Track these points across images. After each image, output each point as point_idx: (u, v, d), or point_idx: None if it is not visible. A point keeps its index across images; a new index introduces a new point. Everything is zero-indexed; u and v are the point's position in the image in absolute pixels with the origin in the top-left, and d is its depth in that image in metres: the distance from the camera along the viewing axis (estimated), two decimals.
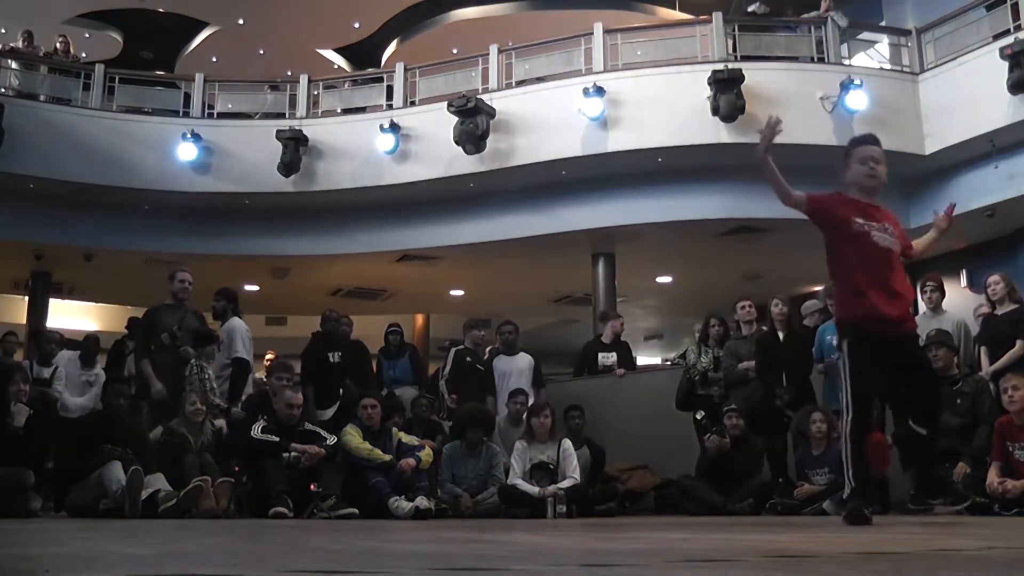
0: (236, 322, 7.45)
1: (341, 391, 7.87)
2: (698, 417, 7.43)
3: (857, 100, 9.70)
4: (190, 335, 6.84)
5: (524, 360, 8.16)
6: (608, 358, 8.57)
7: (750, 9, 11.37)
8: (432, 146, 10.88)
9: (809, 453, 6.46)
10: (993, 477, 5.53)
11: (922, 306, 7.45)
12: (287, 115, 11.82)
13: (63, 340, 8.84)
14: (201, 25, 16.89)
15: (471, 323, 8.65)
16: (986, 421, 5.99)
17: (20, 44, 12.65)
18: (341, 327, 8.36)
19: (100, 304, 15.76)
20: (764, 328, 7.37)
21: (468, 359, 8.18)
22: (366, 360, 8.63)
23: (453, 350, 8.48)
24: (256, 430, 6.12)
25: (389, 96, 11.65)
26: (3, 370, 6.44)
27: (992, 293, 6.66)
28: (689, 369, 7.67)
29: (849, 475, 3.78)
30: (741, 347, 7.46)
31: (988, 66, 9.17)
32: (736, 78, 9.66)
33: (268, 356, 10.60)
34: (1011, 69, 8.84)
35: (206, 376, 7.62)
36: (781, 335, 7.18)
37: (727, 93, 9.62)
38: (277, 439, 6.08)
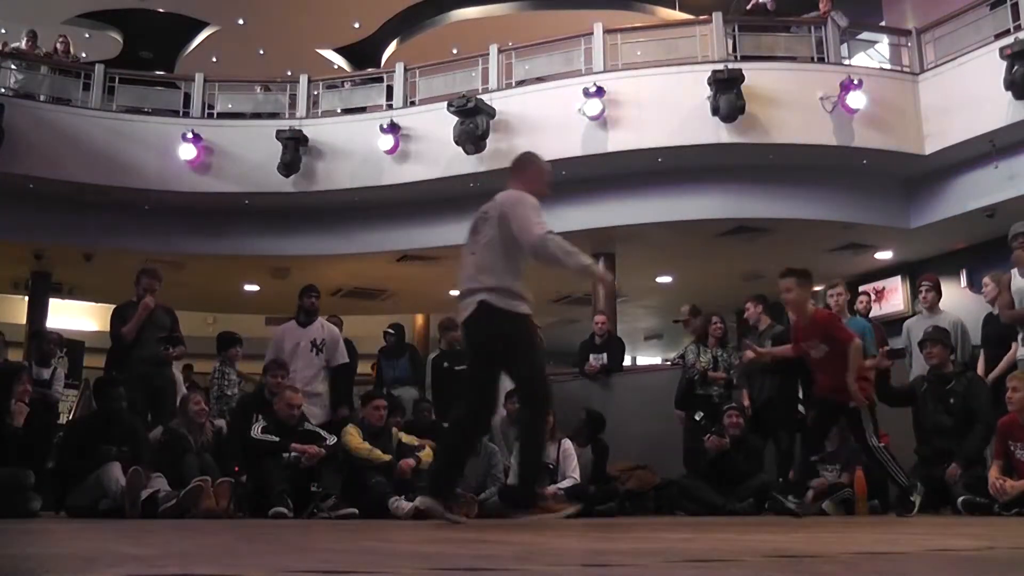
0: (334, 328, 7.45)
1: None
2: (696, 418, 7.43)
3: (857, 100, 9.70)
4: (162, 332, 6.87)
5: None
6: (599, 359, 8.56)
7: (762, 0, 11.29)
8: (432, 146, 10.88)
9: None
10: (993, 476, 5.54)
11: (919, 306, 7.47)
12: (287, 115, 11.82)
13: (62, 340, 8.86)
14: (201, 25, 16.89)
15: (446, 324, 8.55)
16: (980, 421, 5.99)
17: (24, 43, 12.65)
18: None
19: (100, 304, 15.76)
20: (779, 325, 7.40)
21: (445, 364, 8.14)
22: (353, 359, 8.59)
23: (429, 359, 8.48)
24: (256, 430, 6.12)
25: (389, 96, 11.65)
26: (9, 370, 6.44)
27: (985, 294, 6.71)
28: (688, 368, 7.68)
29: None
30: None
31: (988, 66, 9.17)
32: (736, 78, 9.66)
33: None
34: (1010, 69, 8.83)
35: (226, 382, 7.68)
36: None
37: (727, 93, 9.62)
38: (277, 439, 6.08)
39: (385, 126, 10.84)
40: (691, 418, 7.53)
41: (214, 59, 16.78)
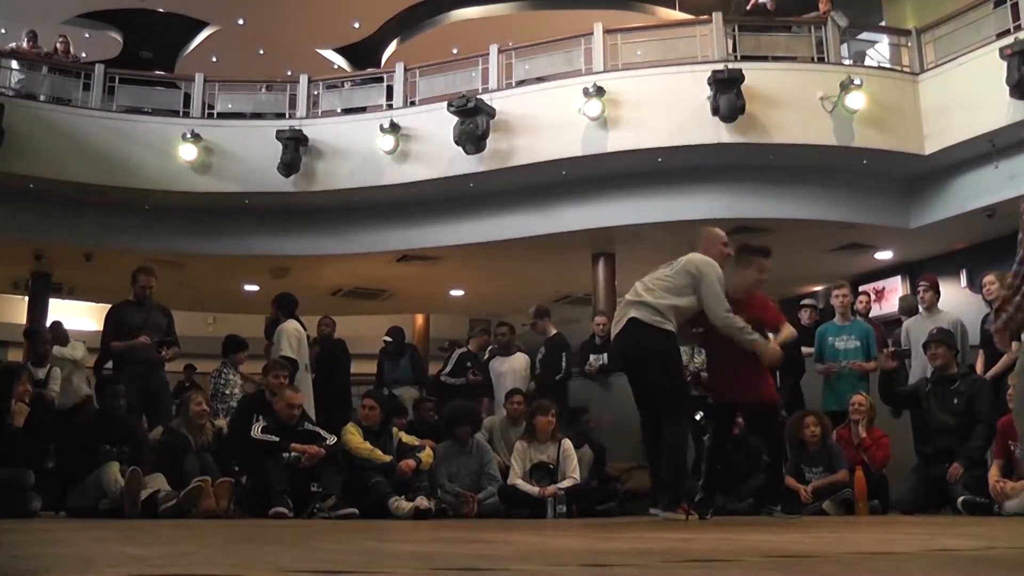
0: (285, 324, 7.67)
1: None
2: (696, 418, 7.41)
3: (857, 100, 9.70)
4: (158, 332, 6.90)
5: (520, 360, 8.18)
6: (598, 360, 8.55)
7: (762, 0, 11.28)
8: (432, 146, 10.87)
9: (804, 452, 6.49)
10: (994, 478, 5.54)
11: (918, 306, 7.47)
12: (287, 115, 11.82)
13: (57, 339, 8.88)
14: (201, 25, 16.89)
15: (483, 328, 8.73)
16: (983, 421, 5.99)
17: (25, 43, 12.64)
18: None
19: (100, 304, 15.76)
20: None
21: (468, 364, 8.29)
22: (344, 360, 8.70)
23: (458, 352, 8.56)
24: (256, 430, 6.12)
25: (389, 96, 11.65)
26: (7, 370, 6.44)
27: (987, 293, 6.67)
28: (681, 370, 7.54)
29: None
30: None
31: (988, 66, 9.16)
32: (736, 78, 9.65)
33: None
34: (1018, 67, 8.80)
35: (222, 382, 7.72)
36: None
37: (727, 93, 9.61)
38: (277, 439, 6.08)
39: (385, 126, 10.83)
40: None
41: (214, 59, 16.77)
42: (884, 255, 12.05)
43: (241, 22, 16.59)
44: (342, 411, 6.99)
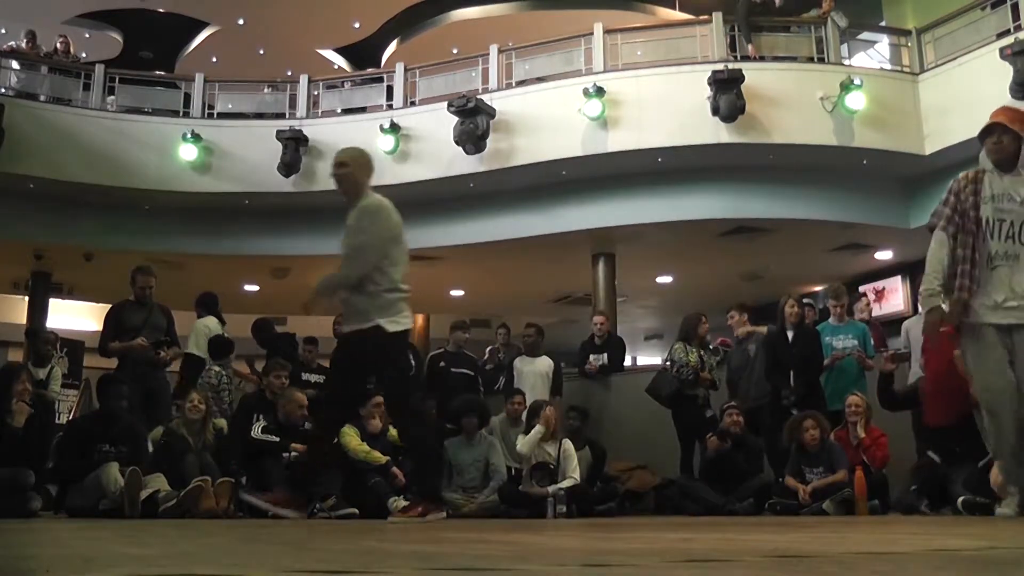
0: (198, 321, 7.91)
1: None
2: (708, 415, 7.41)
3: (857, 100, 9.71)
4: (158, 332, 6.92)
5: (544, 363, 8.09)
6: (598, 360, 8.53)
7: None
8: (432, 146, 10.88)
9: (804, 453, 6.48)
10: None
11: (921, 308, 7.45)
12: (287, 115, 11.82)
13: (57, 339, 8.90)
14: (201, 25, 16.89)
15: (455, 324, 8.60)
16: None
17: (24, 43, 12.65)
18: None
19: (100, 304, 15.76)
20: (755, 330, 7.47)
21: (441, 364, 8.15)
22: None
23: (428, 357, 8.53)
24: (256, 430, 6.12)
25: (389, 96, 11.65)
26: (7, 370, 6.44)
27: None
28: (681, 369, 7.46)
29: None
30: (733, 356, 7.55)
31: (988, 66, 9.17)
32: (736, 78, 9.66)
33: None
34: (1020, 68, 8.78)
35: (214, 383, 7.75)
36: (791, 335, 7.15)
37: (727, 93, 9.63)
38: (277, 439, 6.08)
39: (385, 126, 10.84)
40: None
41: (214, 59, 16.78)
42: (884, 255, 12.05)
43: (241, 22, 16.59)
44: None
